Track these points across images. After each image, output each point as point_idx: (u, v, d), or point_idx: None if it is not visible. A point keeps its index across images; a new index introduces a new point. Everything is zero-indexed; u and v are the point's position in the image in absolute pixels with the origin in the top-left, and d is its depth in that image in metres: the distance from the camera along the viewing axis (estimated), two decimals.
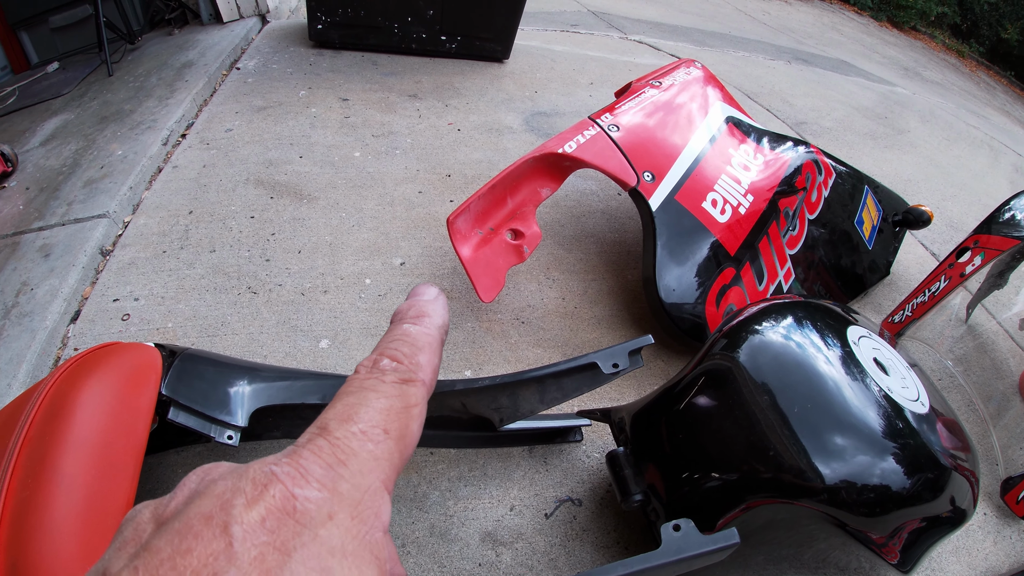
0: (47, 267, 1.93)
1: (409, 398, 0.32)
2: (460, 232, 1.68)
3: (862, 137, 4.10)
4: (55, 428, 0.90)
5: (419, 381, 0.33)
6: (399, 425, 0.31)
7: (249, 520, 0.24)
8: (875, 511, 1.07)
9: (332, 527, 0.25)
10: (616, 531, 1.47)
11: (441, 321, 0.38)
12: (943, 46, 11.68)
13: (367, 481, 0.28)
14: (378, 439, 0.29)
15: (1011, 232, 2.01)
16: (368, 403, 0.30)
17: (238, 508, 0.24)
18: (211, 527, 0.24)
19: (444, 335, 0.38)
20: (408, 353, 0.34)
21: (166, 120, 2.67)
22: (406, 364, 0.33)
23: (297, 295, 1.93)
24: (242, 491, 0.25)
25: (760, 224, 1.97)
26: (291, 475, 0.26)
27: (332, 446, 0.28)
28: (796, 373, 1.17)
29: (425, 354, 0.35)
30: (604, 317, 2.04)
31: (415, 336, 0.35)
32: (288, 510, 0.25)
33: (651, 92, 2.13)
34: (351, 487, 0.27)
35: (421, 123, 2.94)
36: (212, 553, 0.23)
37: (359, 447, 0.28)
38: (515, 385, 1.12)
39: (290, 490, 0.25)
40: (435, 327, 0.37)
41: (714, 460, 1.16)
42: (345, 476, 0.27)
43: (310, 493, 0.26)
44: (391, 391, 0.32)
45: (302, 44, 3.58)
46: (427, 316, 0.37)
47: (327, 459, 0.27)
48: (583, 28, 5.07)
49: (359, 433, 0.29)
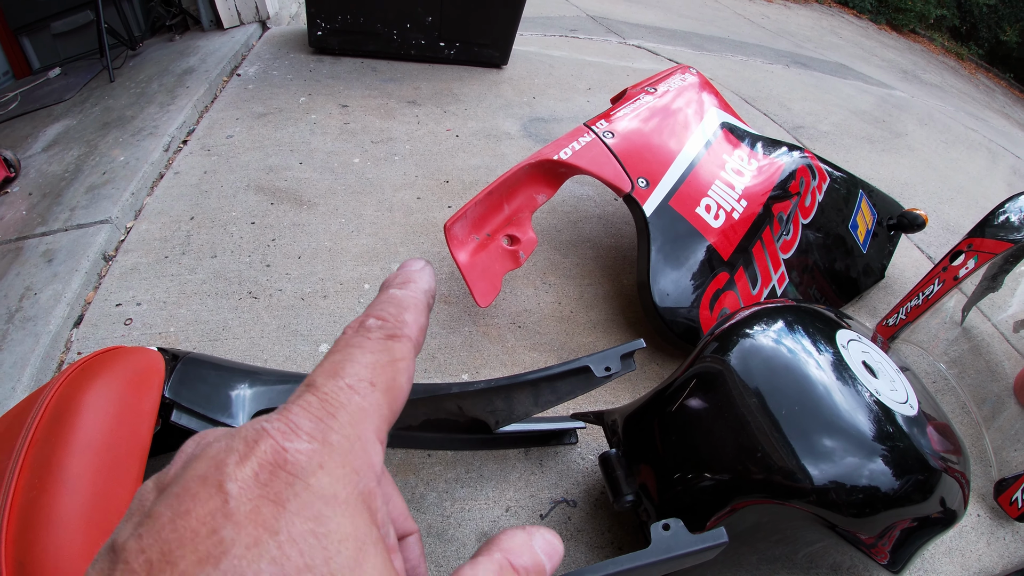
0: (50, 272, 1.95)
1: (395, 352, 0.32)
2: (457, 238, 1.70)
3: (859, 141, 4.11)
4: (60, 431, 0.91)
5: (405, 336, 0.33)
6: (386, 378, 0.31)
7: (243, 476, 0.25)
8: (863, 512, 1.09)
9: (323, 476, 0.26)
10: (610, 532, 1.48)
11: (427, 286, 0.38)
12: (942, 49, 11.69)
13: (356, 431, 0.28)
14: (365, 391, 0.29)
15: (1005, 235, 2.02)
16: (354, 359, 0.31)
17: (231, 466, 0.25)
18: (207, 487, 0.24)
19: (431, 299, 0.38)
20: (394, 313, 0.34)
21: (167, 126, 2.69)
22: (391, 322, 0.34)
23: (297, 300, 1.95)
24: (235, 449, 0.26)
25: (754, 229, 1.99)
26: (281, 430, 0.26)
27: (320, 400, 0.28)
28: (785, 376, 1.19)
29: (411, 313, 0.35)
30: (599, 321, 2.06)
31: (400, 298, 0.36)
32: (279, 463, 0.25)
33: (646, 98, 2.15)
34: (340, 438, 0.27)
35: (420, 129, 2.96)
36: (209, 511, 0.24)
37: (347, 400, 0.29)
38: (510, 388, 1.14)
39: (280, 444, 0.26)
40: (421, 291, 0.37)
41: (704, 461, 1.18)
42: (334, 428, 0.27)
43: (300, 445, 0.26)
44: (376, 346, 0.32)
45: (302, 50, 3.60)
46: (413, 282, 0.37)
47: (316, 412, 0.27)
48: (581, 33, 5.09)
49: (346, 387, 0.29)
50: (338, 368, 0.30)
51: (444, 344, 1.88)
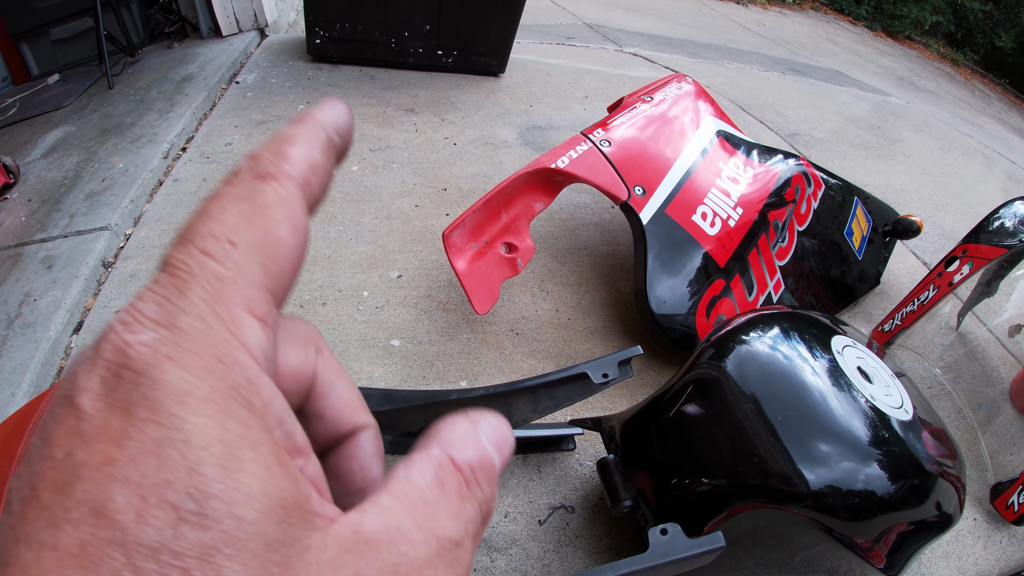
0: (50, 278, 1.95)
1: (266, 195, 0.25)
2: (455, 246, 1.71)
3: (855, 147, 4.13)
4: None
5: (283, 175, 0.26)
6: (254, 231, 0.24)
7: (91, 385, 0.20)
8: (859, 516, 1.10)
9: (173, 369, 0.21)
10: (608, 537, 1.49)
11: (329, 120, 0.29)
12: (938, 55, 11.74)
13: (215, 308, 0.22)
14: (223, 254, 0.23)
15: (999, 241, 2.03)
16: (208, 215, 0.24)
17: (82, 376, 0.21)
18: (64, 406, 0.21)
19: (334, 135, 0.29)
20: (273, 148, 0.27)
21: (167, 133, 2.69)
22: (267, 158, 0.26)
23: (296, 308, 1.96)
24: (86, 356, 0.21)
25: (750, 236, 2.00)
26: (123, 321, 0.21)
27: (169, 276, 0.22)
28: (781, 382, 1.20)
29: (297, 147, 0.27)
30: (597, 328, 2.07)
31: (287, 133, 0.27)
32: (123, 361, 0.21)
33: (643, 107, 2.16)
34: (191, 319, 0.22)
35: (418, 137, 2.97)
36: (66, 433, 0.20)
37: (199, 268, 0.22)
38: (508, 395, 1.15)
39: (122, 338, 0.21)
40: (318, 124, 0.28)
41: (701, 467, 1.19)
42: (184, 307, 0.22)
43: (144, 336, 0.21)
44: (238, 192, 0.25)
45: (300, 58, 3.61)
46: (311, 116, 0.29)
47: (163, 292, 0.22)
48: (578, 41, 5.11)
49: (196, 252, 0.23)
50: (189, 230, 0.24)
51: (442, 351, 1.89)
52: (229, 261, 0.23)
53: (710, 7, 8.80)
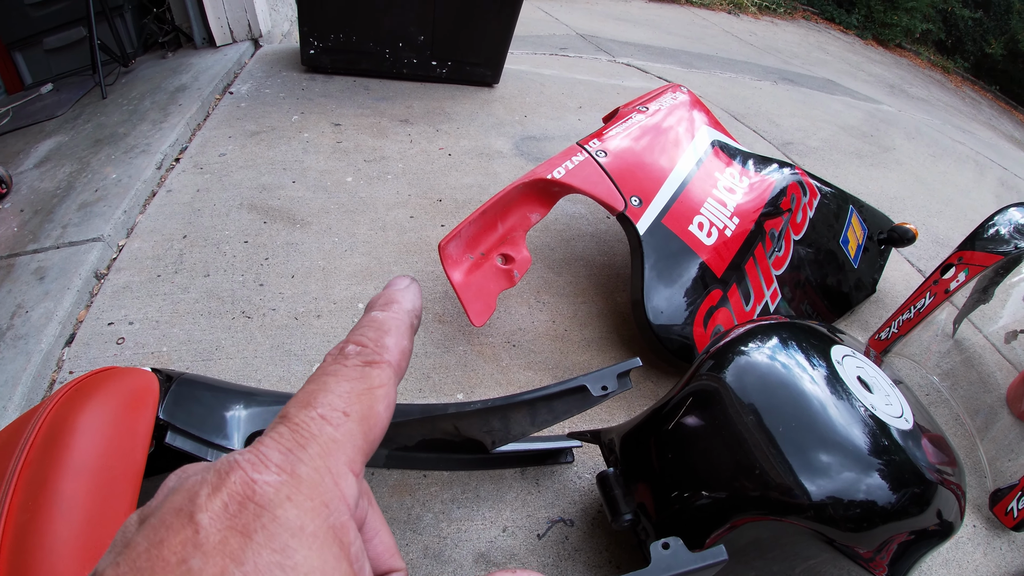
0: (42, 290, 1.93)
1: (372, 379, 0.32)
2: (451, 257, 1.70)
3: (848, 156, 4.14)
4: (54, 452, 0.90)
5: (384, 362, 0.33)
6: (361, 407, 0.30)
7: (213, 507, 0.25)
8: (861, 526, 1.09)
9: (291, 508, 0.26)
10: (608, 551, 1.48)
11: (411, 306, 0.37)
12: (928, 63, 11.84)
13: (328, 463, 0.28)
14: (338, 422, 0.29)
15: (994, 248, 2.04)
16: (328, 388, 0.30)
17: (203, 497, 0.25)
18: (180, 518, 0.25)
19: (415, 319, 0.37)
20: (373, 337, 0.34)
21: (160, 144, 2.68)
22: (371, 347, 0.33)
23: (291, 319, 1.94)
24: (207, 482, 0.26)
25: (746, 246, 2.00)
26: (251, 462, 0.26)
27: (292, 432, 0.28)
28: (781, 393, 1.19)
29: (392, 336, 0.34)
30: (594, 339, 2.06)
31: (381, 321, 0.35)
32: (248, 495, 0.25)
33: (638, 117, 2.16)
34: (310, 470, 0.27)
35: (412, 148, 2.97)
36: (181, 542, 0.24)
37: (318, 430, 0.28)
38: (506, 408, 1.14)
39: (249, 475, 0.26)
40: (404, 312, 0.36)
41: (702, 479, 1.18)
42: (304, 459, 0.27)
43: (269, 477, 0.26)
44: (352, 374, 0.31)
45: (294, 69, 3.61)
46: (396, 302, 0.37)
47: (286, 444, 0.27)
48: (572, 51, 5.13)
49: (318, 417, 0.29)
50: (311, 398, 0.30)
51: (439, 364, 1.87)
52: (342, 428, 0.29)
53: (702, 17, 8.85)
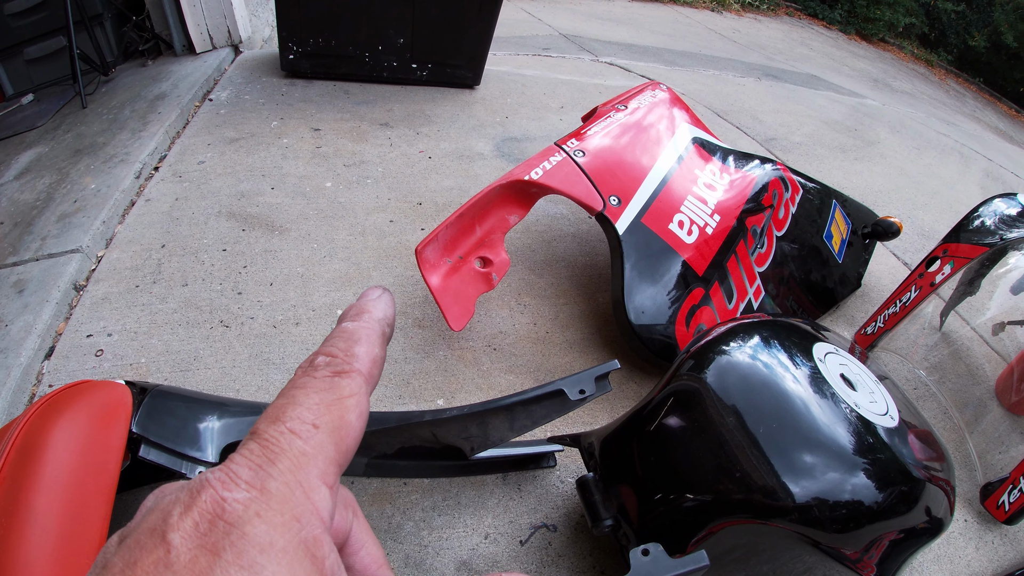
0: (21, 303, 1.90)
1: (341, 389, 0.32)
2: (429, 262, 1.68)
3: (832, 151, 4.15)
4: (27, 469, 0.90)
5: (354, 371, 0.33)
6: (331, 418, 0.30)
7: (184, 527, 0.25)
8: (847, 527, 1.08)
9: (259, 524, 0.26)
10: (592, 556, 1.46)
11: (382, 315, 0.38)
12: (912, 56, 11.91)
13: (298, 477, 0.28)
14: (308, 435, 0.29)
15: (979, 239, 2.04)
16: (297, 401, 0.30)
17: (175, 517, 0.25)
18: (153, 538, 0.25)
19: (387, 328, 0.38)
20: (343, 347, 0.34)
21: (139, 153, 2.65)
22: (340, 357, 0.33)
23: (269, 328, 1.92)
24: (180, 501, 0.26)
25: (728, 243, 1.98)
26: (221, 480, 0.27)
27: (261, 447, 0.28)
28: (763, 392, 1.18)
29: (362, 346, 0.35)
30: (576, 341, 2.04)
31: (352, 331, 0.36)
32: (218, 513, 0.25)
33: (617, 116, 2.15)
34: (280, 484, 0.27)
35: (392, 151, 2.94)
36: (153, 562, 0.24)
37: (288, 445, 0.28)
38: (484, 414, 1.12)
39: (219, 494, 0.26)
40: (375, 321, 0.37)
41: (682, 482, 1.16)
42: (273, 475, 0.27)
43: (238, 495, 0.26)
44: (322, 385, 0.32)
45: (274, 74, 3.58)
46: (367, 312, 0.37)
47: (256, 460, 0.27)
48: (554, 52, 5.12)
49: (287, 431, 0.29)
50: (280, 412, 0.30)
51: (418, 369, 1.85)
52: (311, 441, 0.29)
53: (685, 15, 8.87)
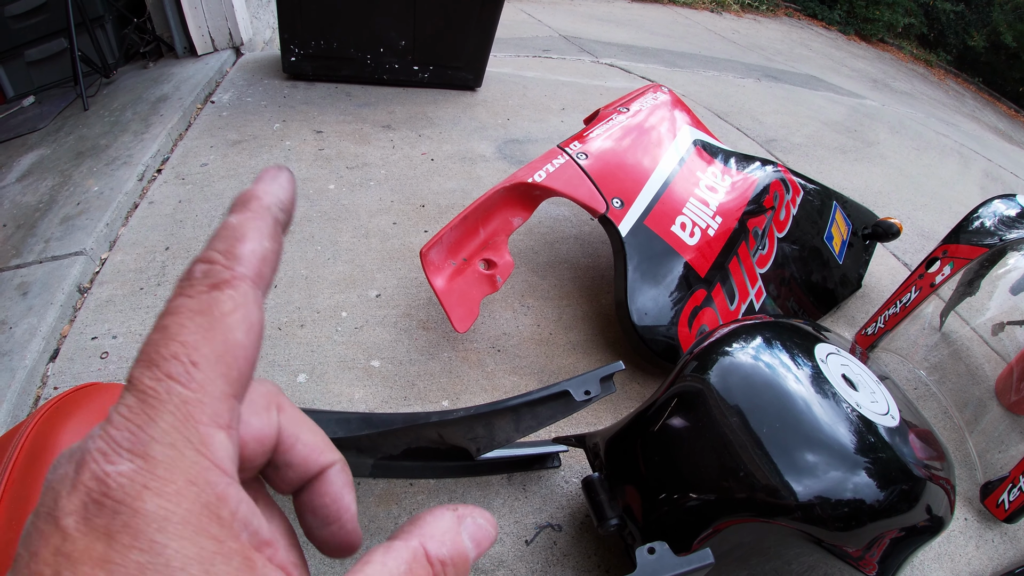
0: (25, 305, 1.91)
1: (221, 305, 0.26)
2: (433, 264, 1.69)
3: (832, 151, 4.15)
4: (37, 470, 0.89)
5: (235, 279, 0.27)
6: (212, 347, 0.25)
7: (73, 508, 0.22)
8: (850, 525, 1.09)
9: (150, 498, 0.22)
10: (597, 555, 1.47)
11: (272, 199, 0.30)
12: (911, 56, 11.91)
13: (186, 433, 0.24)
14: (187, 376, 0.24)
15: (979, 240, 2.05)
16: (169, 333, 0.25)
17: (63, 496, 0.23)
18: (49, 523, 0.22)
19: (281, 215, 0.30)
20: (224, 249, 0.28)
21: (141, 155, 2.66)
22: (220, 263, 0.27)
23: (274, 330, 1.93)
24: (68, 477, 0.23)
25: (729, 245, 1.99)
26: (101, 450, 0.23)
27: (139, 402, 0.24)
28: (765, 393, 1.19)
29: (248, 243, 0.28)
30: (579, 342, 2.05)
31: (235, 225, 0.28)
32: (104, 491, 0.22)
33: (619, 118, 2.16)
34: (165, 448, 0.23)
35: (395, 154, 2.95)
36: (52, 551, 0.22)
37: (166, 394, 0.24)
38: (490, 415, 1.13)
39: (102, 468, 0.23)
40: (263, 207, 0.29)
41: (687, 482, 1.17)
42: (156, 436, 0.23)
43: (122, 467, 0.23)
44: (196, 305, 0.26)
45: (276, 76, 3.59)
46: (254, 199, 0.30)
47: (135, 420, 0.23)
48: (555, 53, 5.13)
49: (163, 377, 0.24)
50: (152, 351, 0.25)
51: (423, 371, 1.86)
52: (193, 383, 0.24)
53: (685, 16, 8.88)
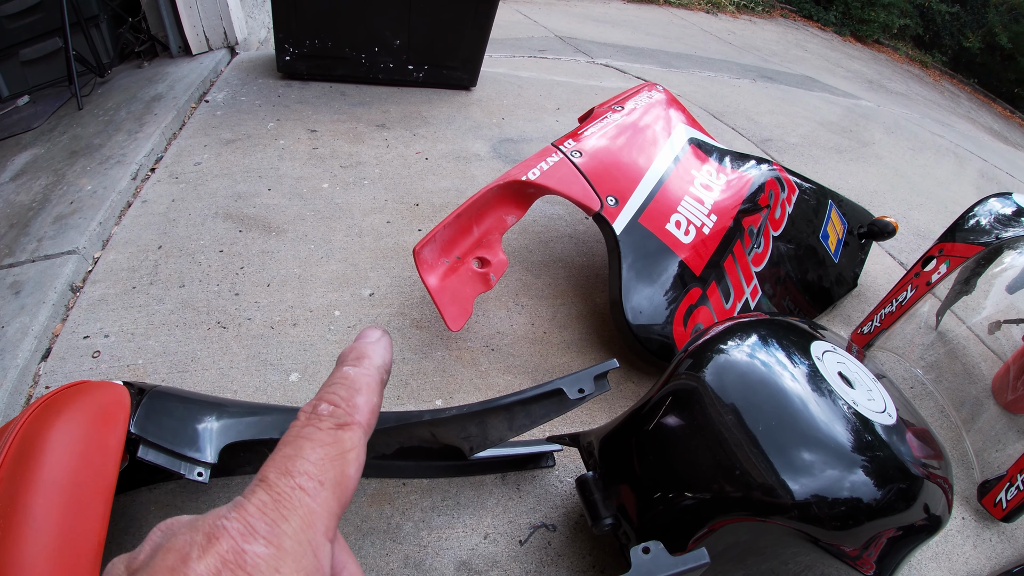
0: (18, 304, 1.90)
1: (344, 443, 0.33)
2: (426, 262, 1.68)
3: (827, 151, 4.16)
4: (24, 470, 0.89)
5: (355, 424, 0.35)
6: (334, 473, 0.32)
7: (204, 571, 0.26)
8: (846, 524, 1.08)
9: None
10: (591, 555, 1.46)
11: (381, 361, 0.39)
12: (906, 57, 11.94)
13: (308, 536, 0.29)
14: (315, 492, 0.31)
15: (975, 239, 2.05)
16: (303, 455, 0.32)
17: (193, 559, 0.27)
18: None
19: (385, 375, 0.39)
20: (345, 396, 0.35)
21: (135, 154, 2.64)
22: (343, 408, 0.35)
23: (267, 329, 1.92)
24: (197, 544, 0.27)
25: (724, 243, 1.99)
26: (239, 531, 0.28)
27: (275, 501, 0.30)
28: (761, 391, 1.18)
29: (363, 395, 0.36)
30: (574, 341, 2.04)
31: (353, 378, 0.37)
32: (240, 563, 0.27)
33: (613, 117, 2.15)
34: (294, 543, 0.29)
35: (389, 153, 2.94)
36: None
37: (298, 502, 0.30)
38: (483, 414, 1.12)
39: (240, 545, 0.27)
40: (374, 368, 0.38)
41: (682, 481, 1.16)
42: (287, 532, 0.29)
43: (258, 549, 0.27)
44: (326, 438, 0.33)
45: (271, 76, 3.58)
46: (367, 357, 0.38)
47: (271, 515, 0.29)
48: (550, 53, 5.13)
49: (297, 488, 0.30)
50: (289, 464, 0.31)
51: (417, 370, 1.85)
52: (319, 498, 0.31)
53: (680, 17, 8.89)
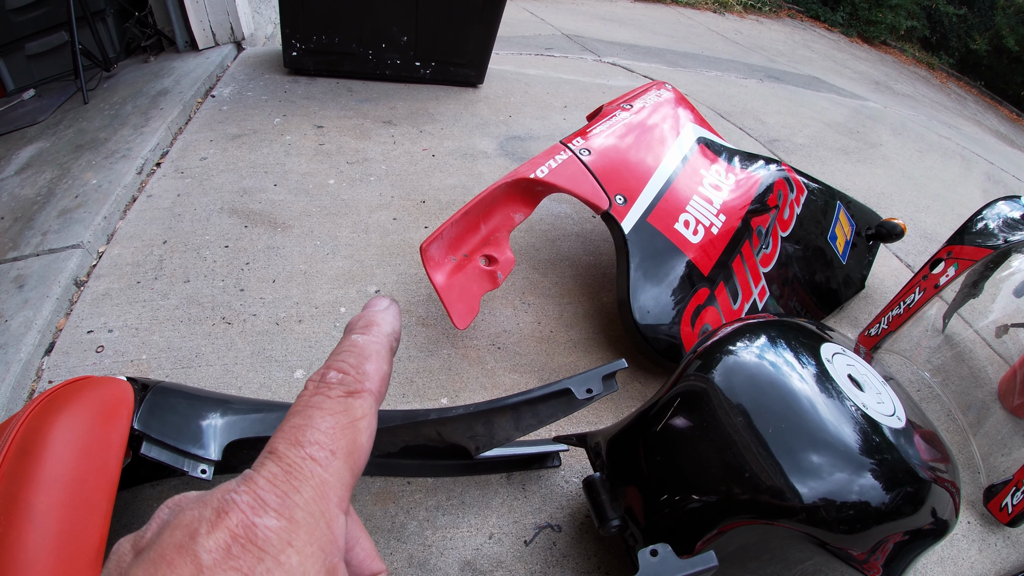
0: (21, 298, 1.89)
1: (355, 411, 0.33)
2: (433, 259, 1.67)
3: (835, 152, 4.14)
4: (27, 465, 0.89)
5: (365, 391, 0.34)
6: (346, 442, 0.31)
7: (214, 546, 0.25)
8: (855, 528, 1.07)
9: (292, 554, 0.27)
10: (597, 556, 1.45)
11: (390, 329, 0.38)
12: (913, 59, 11.90)
13: (321, 507, 0.29)
14: (327, 462, 0.30)
15: (983, 242, 2.04)
16: (313, 423, 0.31)
17: (203, 535, 0.26)
18: (182, 554, 0.25)
19: (394, 343, 0.39)
20: (355, 364, 0.35)
21: (141, 149, 2.64)
22: (352, 375, 0.34)
23: (272, 325, 1.91)
24: (205, 519, 0.27)
25: (733, 243, 1.98)
26: (250, 504, 0.27)
27: (285, 473, 0.29)
28: (770, 393, 1.17)
29: (372, 362, 0.35)
30: (580, 340, 2.03)
31: (362, 346, 0.36)
32: (250, 537, 0.26)
33: (622, 115, 2.14)
34: (306, 514, 0.28)
35: (396, 149, 2.94)
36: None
37: (310, 472, 0.29)
38: (490, 413, 1.11)
39: (250, 519, 0.27)
40: (383, 335, 0.38)
41: (690, 483, 1.15)
42: (299, 504, 0.28)
43: (269, 522, 0.27)
44: (336, 406, 0.32)
45: (277, 71, 3.58)
46: (375, 325, 0.38)
47: (282, 487, 0.28)
48: (557, 51, 5.12)
49: (308, 457, 0.30)
50: (299, 434, 0.31)
51: (423, 368, 1.84)
52: (331, 468, 0.30)
53: (688, 16, 8.87)
